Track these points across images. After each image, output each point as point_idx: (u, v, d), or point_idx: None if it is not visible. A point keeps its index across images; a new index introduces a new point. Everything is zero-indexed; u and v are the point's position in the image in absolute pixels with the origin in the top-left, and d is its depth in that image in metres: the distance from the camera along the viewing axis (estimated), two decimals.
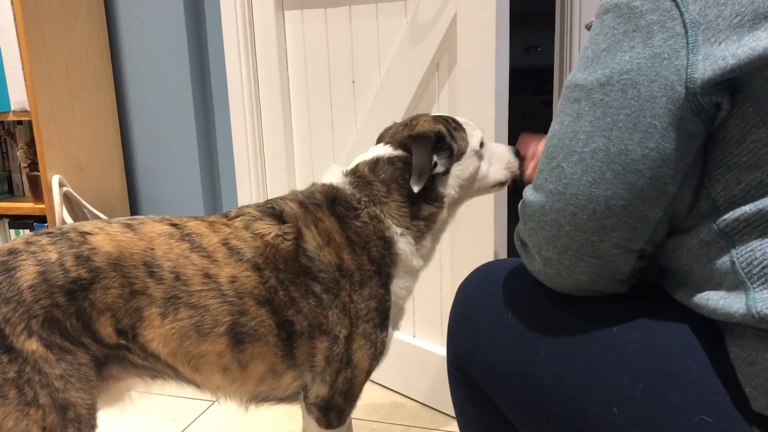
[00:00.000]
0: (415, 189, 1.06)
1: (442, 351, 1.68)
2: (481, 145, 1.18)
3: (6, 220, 2.18)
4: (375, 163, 1.12)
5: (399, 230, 1.09)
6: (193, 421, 1.72)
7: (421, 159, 1.07)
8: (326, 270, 1.03)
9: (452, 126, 1.15)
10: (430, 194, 1.11)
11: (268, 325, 1.00)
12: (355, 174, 1.13)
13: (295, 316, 1.01)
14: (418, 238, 1.12)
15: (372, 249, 1.07)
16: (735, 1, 0.60)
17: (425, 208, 1.11)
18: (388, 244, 1.09)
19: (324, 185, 1.13)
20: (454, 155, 1.13)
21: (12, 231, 2.18)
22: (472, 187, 1.18)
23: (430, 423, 1.67)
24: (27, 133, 2.14)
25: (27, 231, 2.16)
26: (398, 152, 1.12)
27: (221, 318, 0.97)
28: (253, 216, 1.05)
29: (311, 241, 1.04)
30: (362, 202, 1.09)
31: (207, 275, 0.97)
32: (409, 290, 1.15)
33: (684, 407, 0.66)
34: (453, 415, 1.67)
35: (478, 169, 1.17)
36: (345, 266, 1.04)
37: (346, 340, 1.05)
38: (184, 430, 1.68)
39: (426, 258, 1.16)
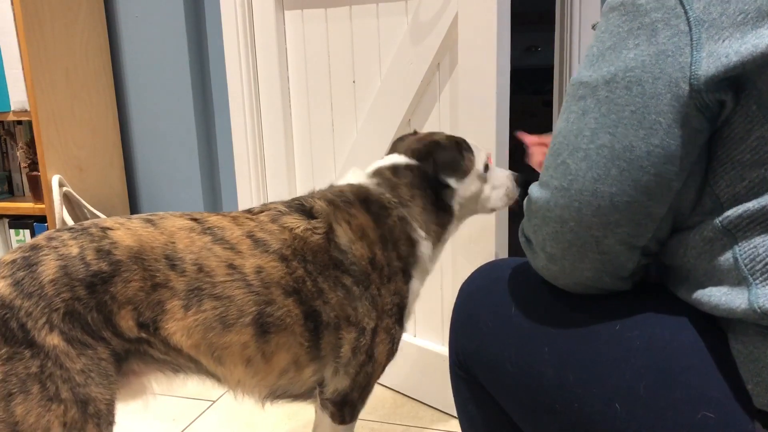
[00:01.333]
0: (454, 184, 1.14)
1: (442, 350, 1.68)
2: (486, 168, 1.23)
3: (6, 220, 2.18)
4: (395, 169, 1.17)
5: (423, 233, 1.14)
6: (193, 421, 1.72)
7: (451, 155, 1.15)
8: (358, 263, 1.05)
9: (464, 146, 1.20)
10: (444, 203, 1.18)
11: (295, 314, 1.00)
12: (380, 176, 1.17)
13: (322, 307, 1.02)
14: (436, 243, 1.18)
15: (401, 247, 1.11)
16: None
17: (441, 216, 1.18)
18: (412, 244, 1.13)
19: (352, 185, 1.16)
20: (460, 173, 1.18)
21: (12, 231, 2.18)
22: (473, 206, 1.24)
23: (430, 423, 1.67)
24: (27, 133, 2.14)
25: (27, 231, 2.16)
26: (413, 161, 1.17)
27: (247, 308, 0.97)
28: (281, 210, 1.07)
29: (343, 235, 1.06)
30: (392, 203, 1.13)
31: (231, 266, 0.97)
32: (418, 293, 1.19)
33: (686, 404, 0.66)
34: (453, 414, 1.67)
35: (480, 191, 1.23)
36: (377, 260, 1.07)
37: (372, 332, 1.07)
38: (184, 430, 1.68)
39: (434, 263, 1.22)
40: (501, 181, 1.25)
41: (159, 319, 0.94)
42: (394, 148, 1.26)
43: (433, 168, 1.15)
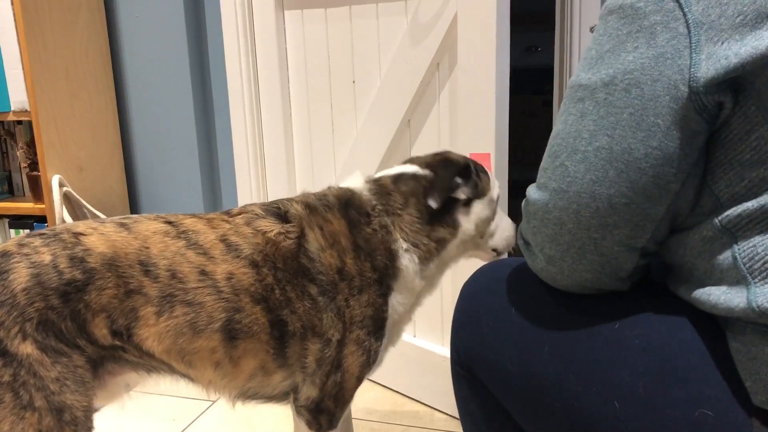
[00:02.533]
0: (434, 204, 1.07)
1: (442, 351, 1.68)
2: (497, 199, 1.20)
3: (6, 220, 2.18)
4: (399, 177, 1.13)
5: (405, 245, 1.09)
6: (193, 421, 1.72)
7: (445, 177, 1.09)
8: (325, 272, 1.03)
9: (480, 168, 1.17)
10: (448, 218, 1.12)
11: (262, 323, 1.00)
12: (377, 182, 1.13)
13: (289, 316, 1.01)
14: (425, 259, 1.11)
15: (377, 257, 1.07)
16: (737, 1, 0.61)
17: (439, 231, 1.11)
18: (392, 256, 1.08)
19: (340, 188, 1.13)
20: (478, 191, 1.14)
21: (12, 231, 2.18)
22: (480, 234, 1.17)
23: (430, 423, 1.68)
24: (27, 133, 2.15)
25: (27, 231, 2.16)
26: (424, 171, 1.13)
27: (216, 315, 0.97)
28: (257, 213, 1.06)
29: (314, 242, 1.04)
30: (376, 209, 1.09)
31: (203, 272, 0.97)
32: (407, 309, 1.15)
33: (685, 402, 0.66)
34: (454, 414, 1.68)
35: (490, 220, 1.18)
36: (346, 270, 1.04)
37: (338, 344, 1.05)
38: (184, 430, 1.68)
39: (430, 281, 1.16)
40: (505, 224, 1.21)
41: (132, 326, 0.94)
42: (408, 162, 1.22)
43: (446, 179, 1.09)
